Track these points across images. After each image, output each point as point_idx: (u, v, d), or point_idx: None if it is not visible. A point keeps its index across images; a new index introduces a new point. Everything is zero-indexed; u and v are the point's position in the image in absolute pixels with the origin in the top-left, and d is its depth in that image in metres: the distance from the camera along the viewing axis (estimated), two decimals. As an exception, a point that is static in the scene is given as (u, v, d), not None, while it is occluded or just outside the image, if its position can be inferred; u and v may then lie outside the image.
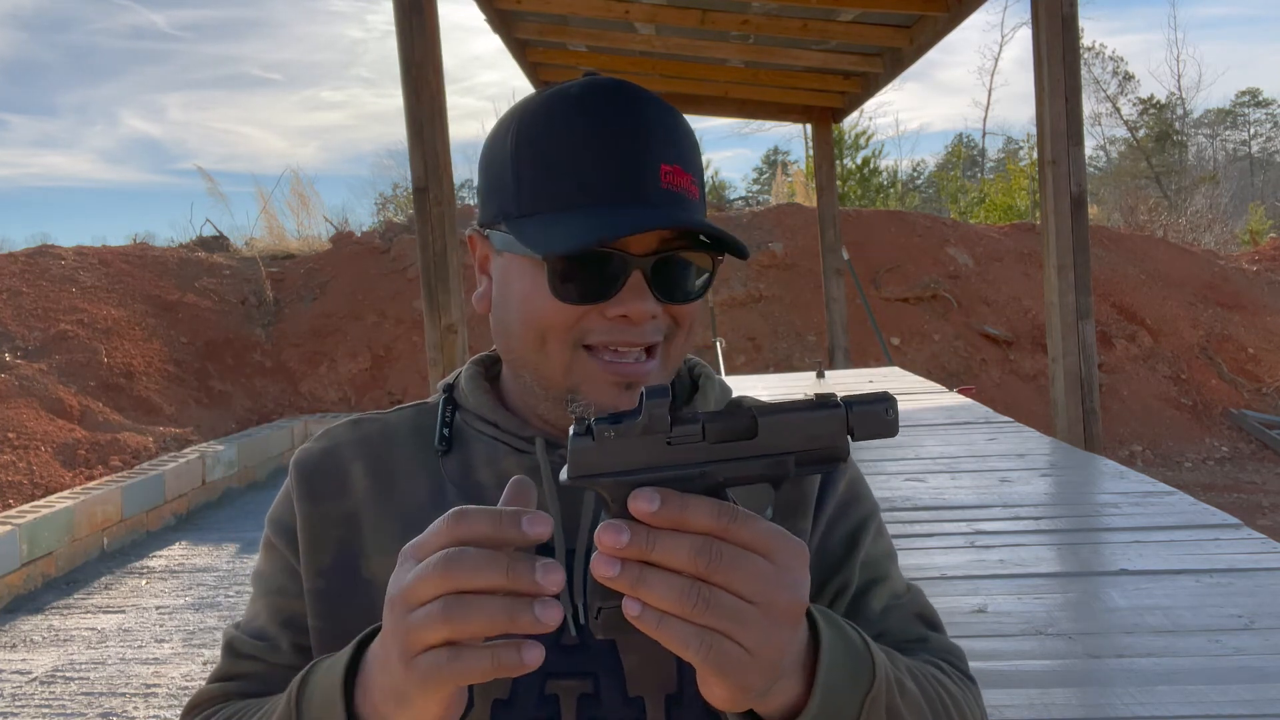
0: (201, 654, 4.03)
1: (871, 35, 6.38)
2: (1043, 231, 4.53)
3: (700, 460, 0.57)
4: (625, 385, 0.77)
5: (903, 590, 0.88)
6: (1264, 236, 15.94)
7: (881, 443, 4.35)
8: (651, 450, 0.57)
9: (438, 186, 4.39)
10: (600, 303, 0.76)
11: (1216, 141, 35.59)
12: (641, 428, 0.57)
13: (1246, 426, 9.53)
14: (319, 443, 0.89)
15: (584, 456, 0.57)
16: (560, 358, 0.78)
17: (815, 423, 0.58)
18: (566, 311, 0.77)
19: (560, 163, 0.77)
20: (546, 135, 0.78)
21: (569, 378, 0.78)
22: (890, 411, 0.58)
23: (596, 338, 0.77)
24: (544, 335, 0.78)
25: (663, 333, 0.79)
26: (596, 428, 0.57)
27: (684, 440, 0.57)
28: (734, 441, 0.57)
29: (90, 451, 7.25)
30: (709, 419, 0.58)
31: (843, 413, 0.58)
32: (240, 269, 11.23)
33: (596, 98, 0.78)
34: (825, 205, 8.72)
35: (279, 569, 0.86)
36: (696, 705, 0.76)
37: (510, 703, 0.76)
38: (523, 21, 6.66)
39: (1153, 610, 2.25)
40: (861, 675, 0.65)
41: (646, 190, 0.76)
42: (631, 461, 0.57)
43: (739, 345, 10.24)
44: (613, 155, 0.76)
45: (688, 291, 0.79)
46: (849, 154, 17.58)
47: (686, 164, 0.79)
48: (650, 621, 0.54)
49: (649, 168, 0.76)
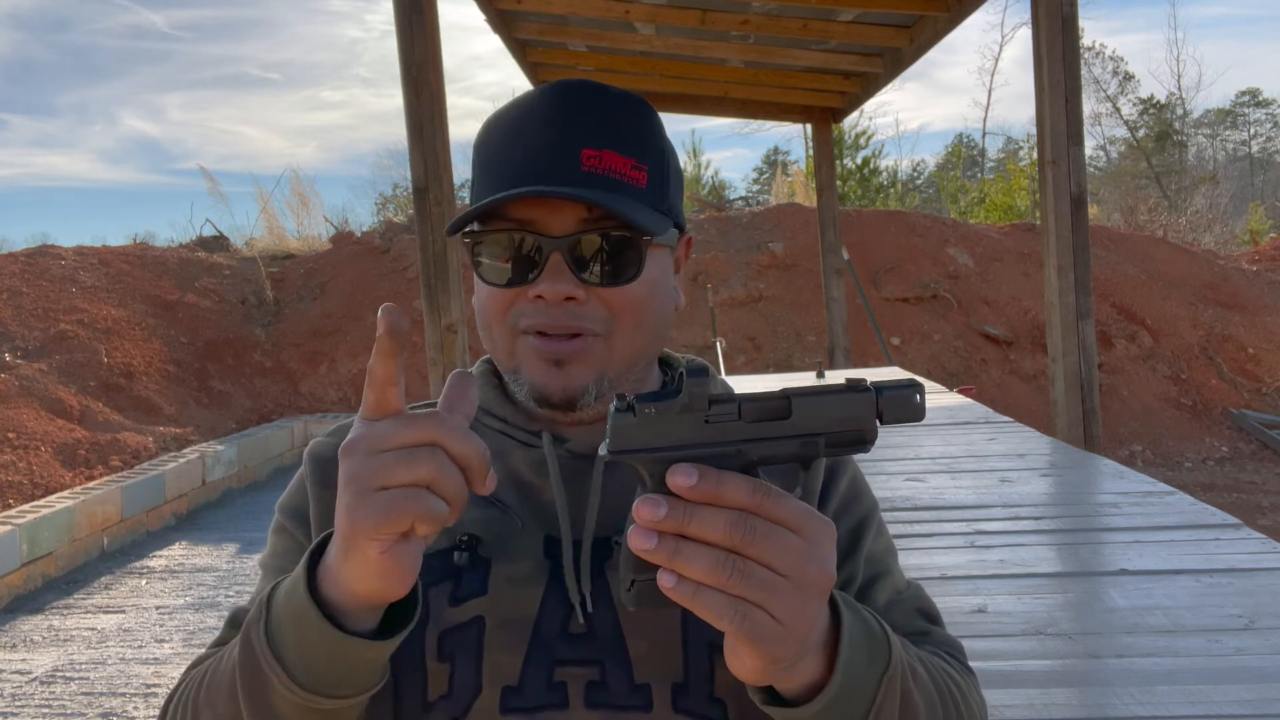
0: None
1: (871, 35, 6.38)
2: (1043, 231, 4.53)
3: (736, 439, 0.59)
4: (554, 362, 0.79)
5: (904, 586, 0.90)
6: (1264, 236, 15.95)
7: (882, 442, 4.35)
8: (690, 428, 0.59)
9: (438, 186, 4.39)
10: (521, 285, 0.79)
11: (1216, 141, 35.60)
12: (681, 406, 0.59)
13: (1246, 426, 9.53)
14: (333, 436, 0.91)
15: (624, 432, 0.58)
16: (504, 342, 0.82)
17: (847, 405, 0.59)
18: (499, 297, 0.80)
19: (490, 153, 0.81)
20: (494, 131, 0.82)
21: (512, 359, 0.82)
22: (919, 397, 0.60)
23: (526, 321, 0.80)
24: (489, 322, 0.82)
25: (597, 319, 0.79)
26: (638, 405, 0.58)
27: (721, 419, 0.59)
28: (769, 421, 0.59)
29: (90, 451, 7.25)
30: (745, 399, 0.59)
31: (873, 396, 0.59)
32: (240, 269, 11.23)
33: (538, 93, 0.81)
34: (825, 205, 8.72)
35: (291, 547, 0.87)
36: (702, 693, 0.77)
37: (519, 689, 0.77)
38: (523, 21, 6.66)
39: (1153, 610, 2.25)
40: (879, 656, 0.67)
41: (565, 173, 0.77)
42: (670, 438, 0.58)
43: (739, 345, 10.24)
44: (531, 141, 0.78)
45: (615, 274, 0.79)
46: (849, 154, 17.56)
47: (626, 149, 0.79)
48: (686, 592, 0.56)
49: (567, 151, 0.78)
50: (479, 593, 0.78)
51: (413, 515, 0.58)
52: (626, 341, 0.82)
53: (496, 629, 0.77)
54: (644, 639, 0.78)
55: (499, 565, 0.79)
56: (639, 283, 0.80)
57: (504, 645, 0.77)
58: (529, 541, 0.81)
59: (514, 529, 0.81)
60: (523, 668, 0.77)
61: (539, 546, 0.80)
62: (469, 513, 0.82)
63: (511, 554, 0.80)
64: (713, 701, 0.77)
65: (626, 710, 0.76)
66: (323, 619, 0.64)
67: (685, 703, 0.77)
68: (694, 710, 0.77)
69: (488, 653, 0.77)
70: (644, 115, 0.83)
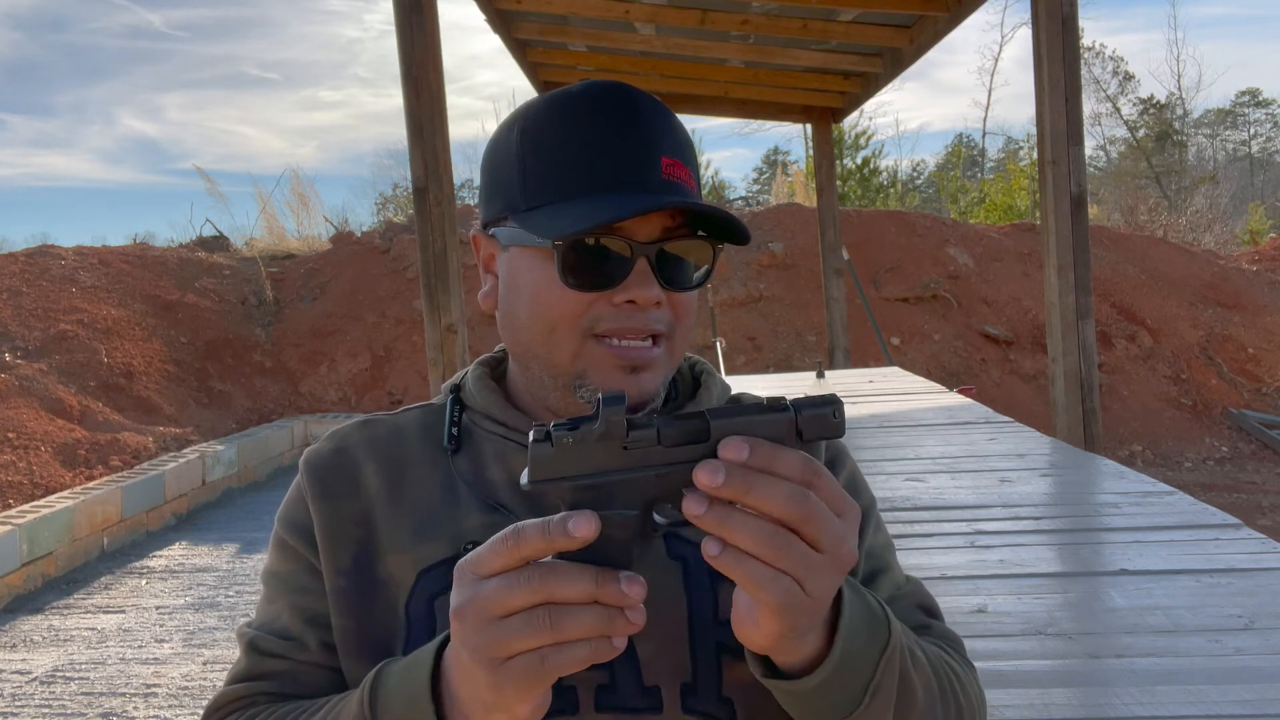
0: (201, 654, 4.03)
1: (871, 35, 6.38)
2: (1043, 231, 4.52)
3: (656, 463, 0.59)
4: (631, 369, 0.79)
5: (903, 581, 0.91)
6: (1264, 236, 15.94)
7: (882, 443, 4.35)
8: (608, 455, 0.59)
9: (438, 186, 4.39)
10: (608, 290, 0.78)
11: (1216, 141, 35.59)
12: (599, 434, 0.59)
13: (1246, 426, 9.53)
14: (329, 443, 0.90)
15: (543, 462, 0.59)
16: (569, 346, 0.80)
17: (765, 425, 0.60)
18: (576, 300, 0.79)
19: (565, 155, 0.79)
20: (551, 130, 0.80)
21: (576, 363, 0.80)
22: (837, 414, 0.61)
23: (605, 325, 0.79)
24: (553, 325, 0.80)
25: (666, 323, 0.81)
26: (555, 434, 0.59)
27: (639, 444, 0.59)
28: (688, 445, 0.59)
29: (90, 451, 7.25)
30: (664, 424, 0.60)
31: (791, 416, 0.60)
32: (240, 269, 11.23)
33: (599, 95, 0.81)
34: (825, 205, 8.71)
35: (300, 569, 0.86)
36: (711, 693, 0.78)
37: None
38: (523, 21, 6.65)
39: (1153, 610, 2.25)
40: (878, 635, 0.68)
41: (649, 180, 0.78)
42: (589, 466, 0.59)
43: (739, 345, 10.24)
44: (616, 146, 0.79)
45: (688, 280, 0.81)
46: (849, 154, 17.57)
47: (685, 159, 0.82)
48: (729, 560, 0.57)
49: (651, 158, 0.79)
50: None
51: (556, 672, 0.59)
52: (681, 345, 0.84)
53: None
54: (652, 641, 0.78)
55: None
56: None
57: None
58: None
59: None
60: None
61: None
62: (472, 519, 0.82)
63: None
64: (721, 701, 0.78)
65: (637, 713, 0.77)
66: None
67: (694, 703, 0.78)
68: (703, 710, 0.78)
69: None
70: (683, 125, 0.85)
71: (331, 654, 0.83)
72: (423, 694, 0.66)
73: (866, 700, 0.67)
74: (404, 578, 0.82)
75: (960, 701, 0.78)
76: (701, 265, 0.82)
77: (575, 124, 0.80)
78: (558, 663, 0.58)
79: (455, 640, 0.61)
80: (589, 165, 0.78)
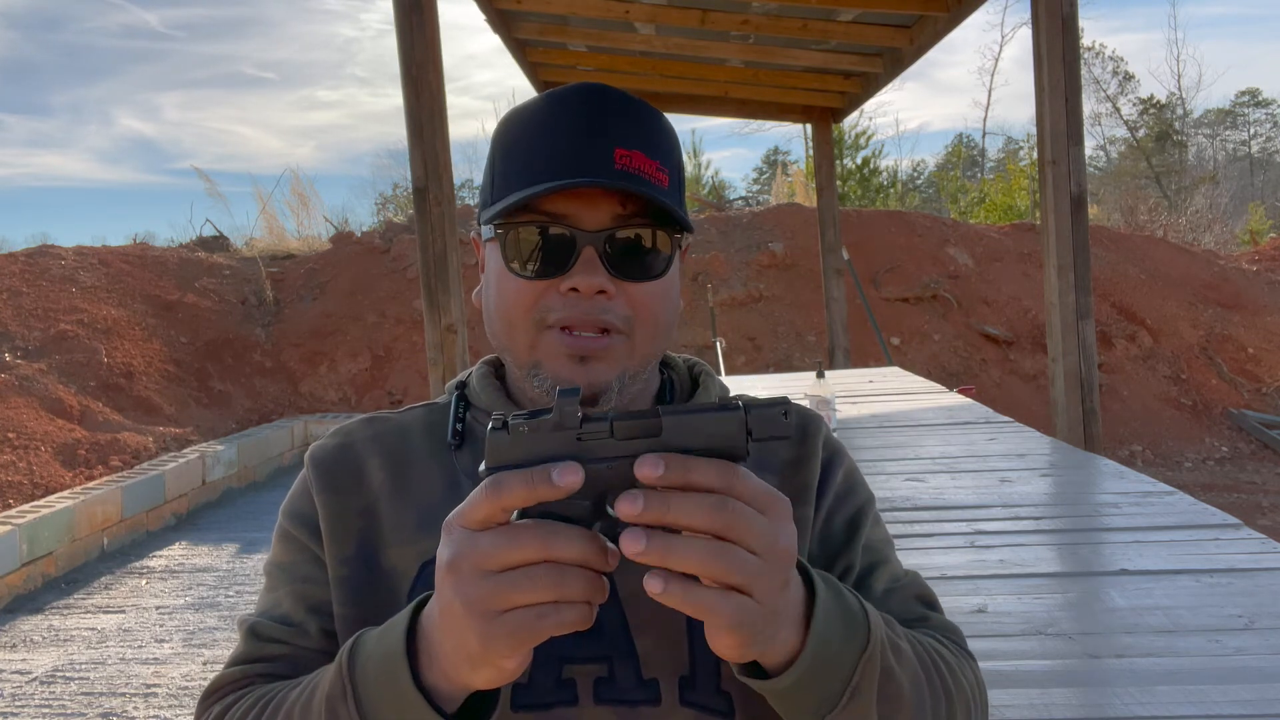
0: (201, 654, 4.03)
1: (871, 35, 6.38)
2: (1043, 231, 4.52)
3: (609, 455, 0.60)
4: (580, 359, 0.81)
5: (902, 574, 0.91)
6: (1264, 236, 15.94)
7: (882, 442, 4.35)
8: (563, 445, 0.60)
9: (438, 186, 4.39)
10: (554, 278, 0.80)
11: (1216, 141, 35.59)
12: (553, 423, 0.60)
13: (1246, 426, 9.53)
14: (334, 439, 0.91)
15: (499, 449, 0.61)
16: (525, 336, 0.82)
17: (716, 423, 0.61)
18: (528, 289, 0.81)
19: (519, 149, 0.82)
20: (518, 129, 0.83)
21: (533, 354, 0.82)
22: (788, 414, 0.62)
23: (555, 315, 0.80)
24: (511, 316, 0.83)
25: (621, 316, 0.81)
26: (512, 423, 0.61)
27: (593, 436, 0.61)
28: (641, 439, 0.60)
29: (90, 451, 7.25)
30: (618, 417, 0.61)
31: (741, 415, 0.61)
32: (240, 269, 11.22)
33: (566, 95, 0.83)
34: (825, 205, 8.71)
35: (304, 559, 0.87)
36: (709, 685, 0.79)
37: (528, 687, 0.77)
38: (523, 21, 6.65)
39: (1153, 610, 2.25)
40: (857, 634, 0.68)
41: (599, 169, 0.79)
42: (544, 454, 0.60)
43: (739, 345, 10.24)
44: (564, 136, 0.80)
45: (645, 270, 0.82)
46: (849, 154, 17.56)
47: (652, 152, 0.82)
48: (676, 593, 0.58)
49: (600, 148, 0.79)
50: None
51: (549, 630, 0.59)
52: (646, 340, 0.84)
53: None
54: (650, 634, 0.79)
55: None
56: (660, 281, 0.83)
57: None
58: None
59: None
60: (531, 666, 0.77)
61: None
62: None
63: None
64: (719, 693, 0.79)
65: (636, 705, 0.77)
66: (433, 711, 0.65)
67: (692, 695, 0.78)
68: (701, 703, 0.78)
69: None
70: (664, 122, 0.86)
71: (332, 641, 0.83)
72: (398, 649, 0.66)
73: (845, 699, 0.67)
74: (407, 569, 0.83)
75: (951, 691, 0.77)
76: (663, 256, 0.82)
77: (538, 122, 0.82)
78: (555, 620, 0.59)
79: (447, 592, 0.61)
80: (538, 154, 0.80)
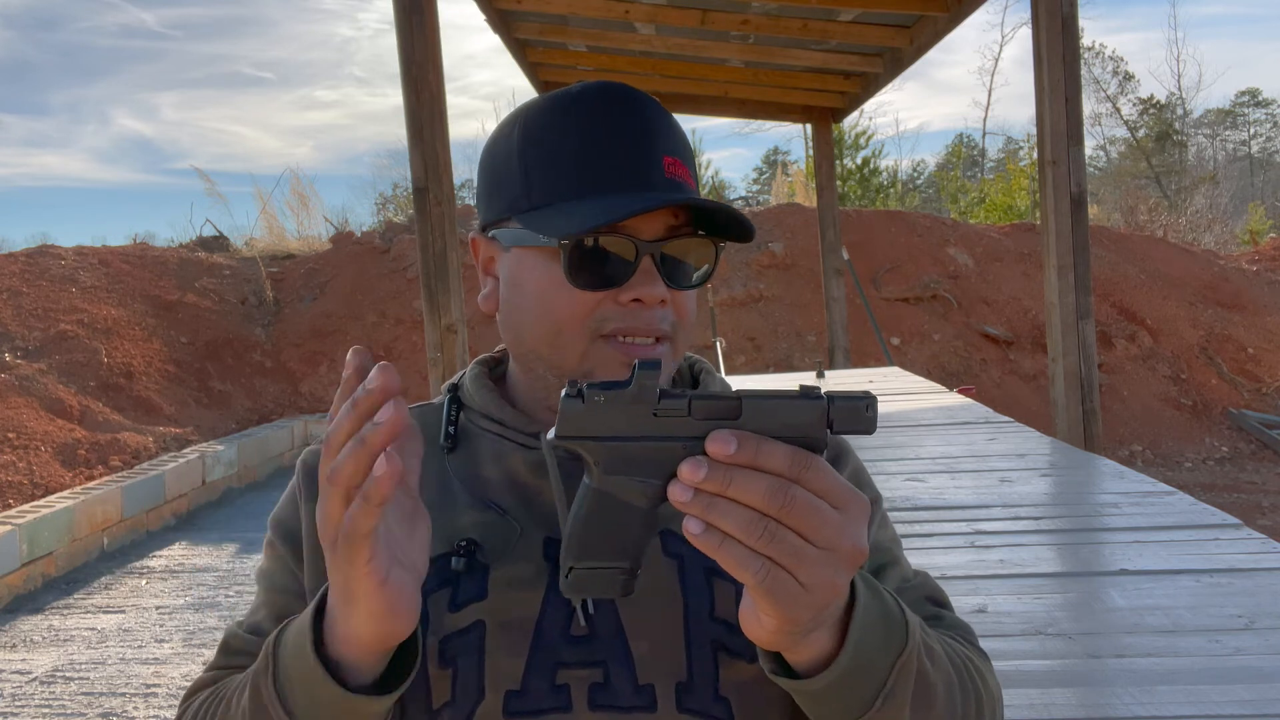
0: (201, 654, 4.03)
1: (871, 35, 6.38)
2: (1043, 231, 4.52)
3: (683, 435, 0.59)
4: None
5: (911, 574, 0.92)
6: (1264, 236, 15.93)
7: (882, 442, 4.35)
8: (637, 419, 0.59)
9: (438, 186, 4.39)
10: (615, 288, 0.78)
11: (1216, 141, 35.59)
12: (631, 396, 0.59)
13: (1246, 426, 9.53)
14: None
15: (572, 418, 0.59)
16: (577, 346, 0.80)
17: (797, 411, 0.59)
18: (582, 300, 0.79)
19: (569, 155, 0.79)
20: (554, 130, 0.81)
21: (584, 364, 0.80)
22: (870, 409, 0.60)
23: (612, 325, 0.79)
24: (560, 326, 0.80)
25: (670, 322, 0.81)
26: (587, 392, 0.59)
27: (669, 413, 0.59)
28: (718, 420, 0.59)
29: (90, 451, 7.25)
30: (696, 397, 0.59)
31: (824, 405, 0.59)
32: (240, 269, 11.22)
33: (601, 95, 0.81)
34: (825, 205, 8.71)
35: (280, 569, 0.87)
36: (707, 692, 0.77)
37: (522, 693, 0.76)
38: (523, 21, 6.65)
39: (1153, 610, 2.25)
40: (895, 639, 0.66)
41: (652, 179, 0.79)
42: (617, 427, 0.59)
43: (739, 345, 10.24)
44: (619, 145, 0.79)
45: (688, 279, 0.82)
46: (849, 154, 17.56)
47: (684, 158, 0.82)
48: (712, 541, 0.57)
49: (654, 157, 0.79)
50: (478, 597, 0.78)
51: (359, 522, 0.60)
52: (683, 345, 0.84)
53: (497, 632, 0.77)
54: (646, 639, 0.77)
55: (498, 569, 0.79)
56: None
57: (505, 649, 0.77)
58: (528, 544, 0.80)
59: (512, 533, 0.81)
60: (525, 671, 0.76)
61: (539, 548, 0.80)
62: (466, 517, 0.82)
63: (511, 557, 0.79)
64: (717, 700, 0.77)
65: (631, 711, 0.76)
66: (330, 680, 0.65)
67: (689, 702, 0.77)
68: (698, 709, 0.77)
69: (489, 657, 0.76)
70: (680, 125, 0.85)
71: None
72: (307, 622, 0.67)
73: (878, 704, 0.66)
74: None
75: (980, 692, 0.77)
76: (702, 264, 0.82)
77: (578, 123, 0.80)
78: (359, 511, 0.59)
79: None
80: (593, 164, 0.78)
